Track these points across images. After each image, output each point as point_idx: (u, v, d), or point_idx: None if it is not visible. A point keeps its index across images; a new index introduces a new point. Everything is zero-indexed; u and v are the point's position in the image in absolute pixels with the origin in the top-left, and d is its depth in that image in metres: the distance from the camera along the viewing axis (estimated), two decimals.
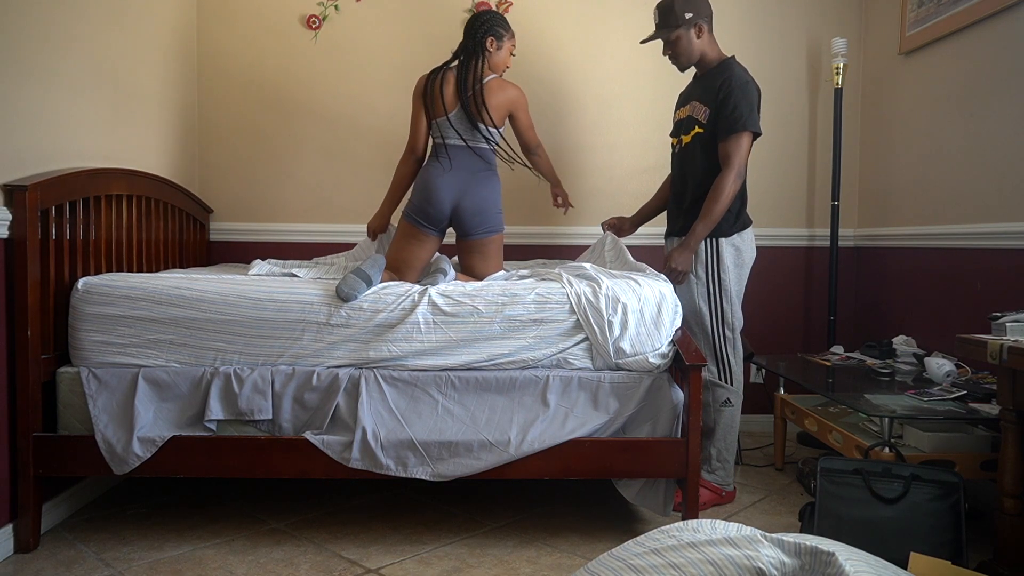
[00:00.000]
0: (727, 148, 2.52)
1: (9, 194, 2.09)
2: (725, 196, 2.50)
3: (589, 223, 3.54)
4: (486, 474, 2.21)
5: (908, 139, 3.20)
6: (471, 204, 2.61)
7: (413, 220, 2.64)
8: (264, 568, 2.11)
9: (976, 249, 2.74)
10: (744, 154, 2.52)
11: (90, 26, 2.54)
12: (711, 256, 2.60)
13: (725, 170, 2.51)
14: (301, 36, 3.46)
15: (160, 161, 3.10)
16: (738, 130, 2.50)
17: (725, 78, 2.55)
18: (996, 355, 1.84)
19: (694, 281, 2.60)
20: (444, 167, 2.62)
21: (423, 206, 2.62)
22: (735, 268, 2.61)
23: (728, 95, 2.52)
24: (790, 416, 2.98)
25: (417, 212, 2.63)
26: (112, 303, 2.23)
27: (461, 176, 2.62)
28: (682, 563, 1.17)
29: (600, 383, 2.27)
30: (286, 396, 2.23)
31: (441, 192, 2.60)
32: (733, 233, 2.61)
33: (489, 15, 2.69)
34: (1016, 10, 2.57)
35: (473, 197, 2.61)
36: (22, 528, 2.16)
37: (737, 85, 2.52)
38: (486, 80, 2.65)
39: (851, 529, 1.96)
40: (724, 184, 2.50)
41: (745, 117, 2.50)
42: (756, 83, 2.60)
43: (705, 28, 2.61)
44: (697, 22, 2.59)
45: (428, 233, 2.64)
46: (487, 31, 2.65)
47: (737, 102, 2.50)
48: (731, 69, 2.58)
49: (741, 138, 2.51)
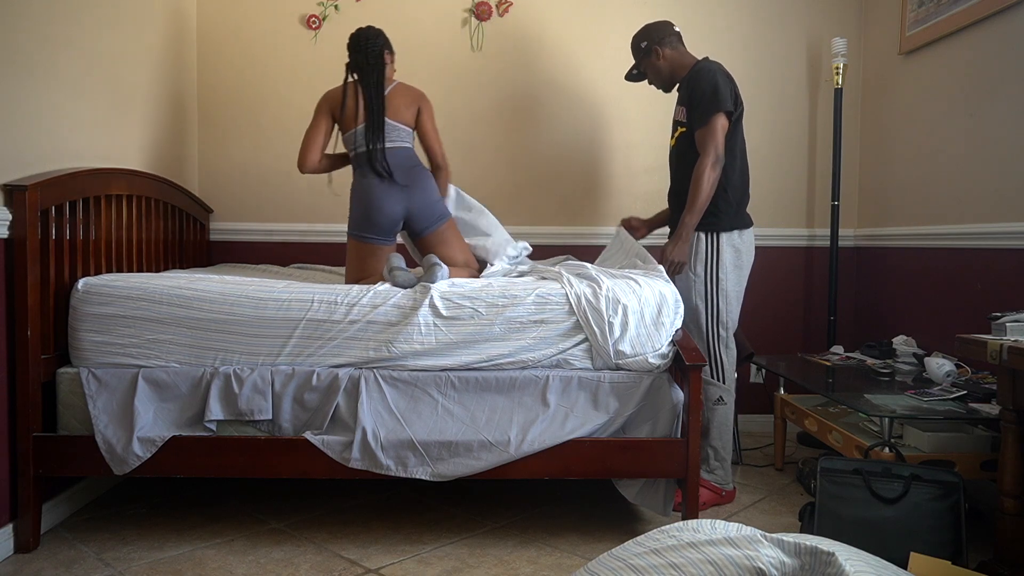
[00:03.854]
0: (701, 136, 2.58)
1: (9, 194, 2.09)
2: (705, 181, 2.53)
3: (590, 223, 3.54)
4: (486, 474, 2.20)
5: (908, 139, 3.20)
6: (421, 203, 2.65)
7: (364, 238, 2.63)
8: (264, 568, 2.11)
9: (976, 249, 2.74)
10: (718, 137, 2.54)
11: (90, 26, 2.54)
12: (711, 254, 2.61)
13: (701, 157, 2.56)
14: (301, 36, 3.46)
15: (160, 161, 3.10)
16: (707, 115, 2.55)
17: (691, 75, 2.64)
18: (996, 355, 1.84)
19: (692, 278, 2.62)
20: (377, 178, 2.61)
21: (373, 220, 2.61)
22: (734, 269, 2.63)
23: (694, 88, 2.60)
24: (790, 416, 2.98)
25: (366, 229, 2.63)
26: (112, 303, 2.23)
27: (399, 178, 2.63)
28: (682, 563, 1.17)
29: (600, 383, 2.27)
30: (286, 396, 2.23)
31: (387, 203, 2.61)
32: (734, 229, 2.63)
33: (376, 31, 2.71)
34: (1016, 10, 2.57)
35: (421, 196, 2.65)
36: (22, 528, 2.16)
37: (700, 76, 2.60)
38: (388, 89, 2.70)
39: (851, 529, 1.96)
40: (701, 170, 2.54)
41: (709, 100, 2.55)
42: (724, 71, 2.63)
43: (664, 50, 2.71)
44: (652, 48, 2.71)
45: (383, 244, 2.65)
46: (382, 44, 2.70)
47: (702, 91, 2.56)
48: (697, 66, 2.66)
49: (711, 122, 2.54)
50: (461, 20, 3.48)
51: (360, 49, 2.68)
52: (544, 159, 3.53)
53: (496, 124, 3.51)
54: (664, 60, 2.71)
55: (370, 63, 2.66)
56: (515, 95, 3.51)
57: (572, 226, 3.54)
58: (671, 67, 2.72)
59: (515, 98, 3.51)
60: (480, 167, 3.52)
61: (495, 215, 2.93)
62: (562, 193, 3.54)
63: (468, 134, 3.50)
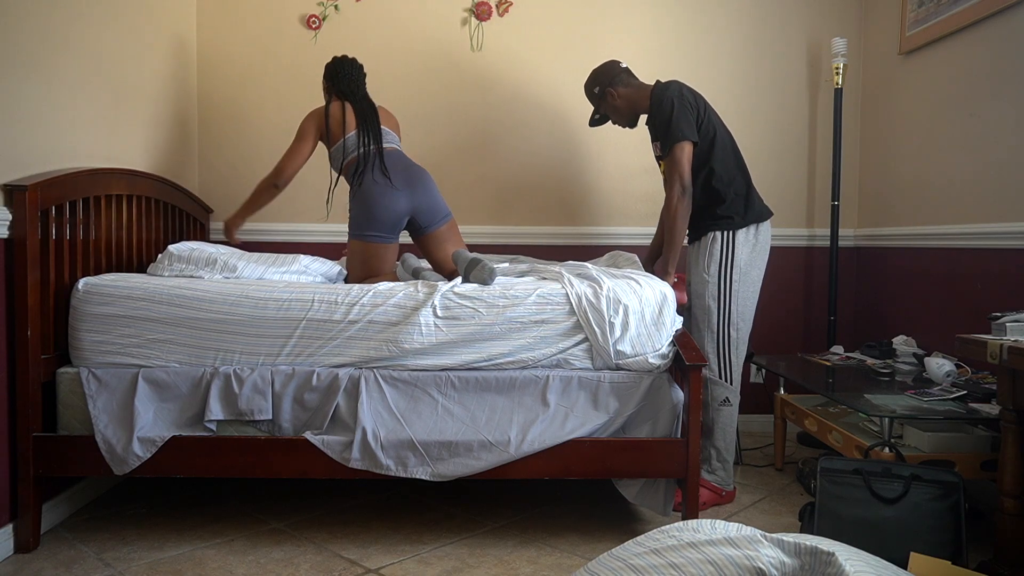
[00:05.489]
0: (667, 168, 2.64)
1: (9, 194, 2.09)
2: (678, 217, 2.59)
3: (590, 223, 3.54)
4: (486, 474, 2.21)
5: (908, 139, 3.20)
6: (425, 199, 2.69)
7: (367, 238, 2.64)
8: (264, 568, 2.11)
9: (976, 249, 2.74)
10: (683, 166, 2.59)
11: (90, 26, 2.54)
12: (725, 255, 2.64)
13: (668, 189, 2.63)
14: (301, 36, 3.46)
15: (160, 161, 3.10)
16: (668, 147, 2.61)
17: (651, 107, 2.68)
18: (996, 355, 1.84)
19: (706, 279, 2.64)
20: (379, 179, 2.64)
21: (377, 218, 2.63)
22: (748, 269, 2.64)
23: (657, 123, 2.66)
24: (790, 416, 2.98)
25: (369, 228, 2.64)
26: (112, 303, 2.23)
27: (399, 179, 2.65)
28: (682, 563, 1.17)
29: (600, 383, 2.27)
30: (286, 396, 2.23)
31: (390, 200, 2.63)
32: (750, 224, 2.64)
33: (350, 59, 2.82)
34: (1016, 10, 2.57)
35: (424, 192, 2.68)
36: (22, 528, 2.16)
37: (655, 106, 2.65)
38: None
39: (851, 529, 1.96)
40: (670, 204, 2.61)
41: (666, 133, 2.61)
42: (675, 88, 2.65)
43: (617, 89, 2.75)
44: (605, 91, 2.74)
45: (387, 243, 2.67)
46: (361, 69, 2.82)
47: (662, 123, 2.62)
48: (653, 98, 2.68)
49: (673, 154, 2.59)
50: (461, 20, 3.48)
51: (343, 72, 2.78)
52: (544, 159, 3.53)
53: (496, 124, 3.51)
54: (620, 99, 2.74)
55: (355, 79, 2.78)
56: (515, 95, 3.51)
57: (572, 226, 3.54)
58: (629, 104, 2.75)
59: (515, 98, 3.51)
60: (479, 167, 3.52)
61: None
62: (562, 193, 3.54)
63: (468, 134, 3.50)
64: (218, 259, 2.48)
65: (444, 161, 3.50)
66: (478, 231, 3.45)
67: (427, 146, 3.49)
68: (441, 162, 3.49)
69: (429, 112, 3.49)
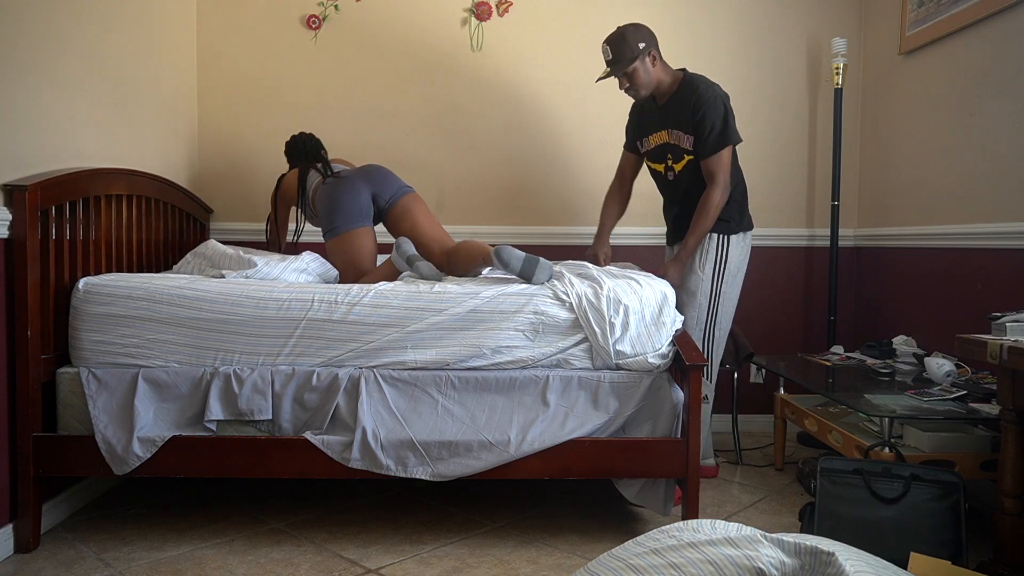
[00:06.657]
0: (710, 166, 2.65)
1: (9, 194, 2.09)
2: (714, 209, 2.65)
3: (590, 223, 3.53)
4: (486, 474, 2.21)
5: (908, 139, 3.20)
6: (381, 177, 2.82)
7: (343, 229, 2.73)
8: (264, 568, 2.11)
9: (976, 249, 2.74)
10: (727, 167, 2.65)
11: (90, 26, 2.54)
12: (720, 256, 2.73)
13: (711, 187, 2.65)
14: (301, 36, 3.46)
15: (160, 161, 3.10)
16: (719, 148, 2.63)
17: (694, 100, 2.64)
18: (996, 355, 1.84)
19: (700, 276, 2.71)
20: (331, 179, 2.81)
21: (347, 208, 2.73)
22: (737, 272, 2.77)
23: (703, 118, 2.62)
24: (790, 416, 2.98)
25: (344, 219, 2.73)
26: (112, 303, 2.23)
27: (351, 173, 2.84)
28: (682, 563, 1.17)
29: (600, 383, 2.27)
30: (286, 396, 2.23)
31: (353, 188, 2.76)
32: (743, 231, 2.76)
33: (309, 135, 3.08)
34: (1016, 10, 2.57)
35: (379, 173, 2.83)
36: (22, 528, 2.16)
37: (707, 103, 2.62)
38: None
39: (851, 529, 1.96)
40: (712, 200, 2.64)
41: (721, 133, 2.62)
42: (720, 90, 2.67)
43: (657, 55, 2.69)
44: (650, 51, 2.67)
45: (363, 226, 2.76)
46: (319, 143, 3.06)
47: (713, 122, 2.61)
48: (695, 88, 2.66)
49: (722, 154, 2.63)
50: (461, 20, 3.48)
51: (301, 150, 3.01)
52: (544, 159, 3.53)
53: (496, 124, 3.51)
54: (656, 66, 2.69)
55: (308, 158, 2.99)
56: (515, 95, 3.51)
57: (572, 226, 3.54)
58: (657, 76, 2.70)
59: (515, 98, 3.51)
60: (480, 167, 3.52)
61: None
62: (562, 193, 3.54)
63: (468, 134, 3.50)
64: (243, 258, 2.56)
65: (444, 161, 3.50)
66: (478, 231, 3.45)
67: (427, 146, 3.49)
68: (441, 162, 3.50)
69: (429, 112, 3.49)
